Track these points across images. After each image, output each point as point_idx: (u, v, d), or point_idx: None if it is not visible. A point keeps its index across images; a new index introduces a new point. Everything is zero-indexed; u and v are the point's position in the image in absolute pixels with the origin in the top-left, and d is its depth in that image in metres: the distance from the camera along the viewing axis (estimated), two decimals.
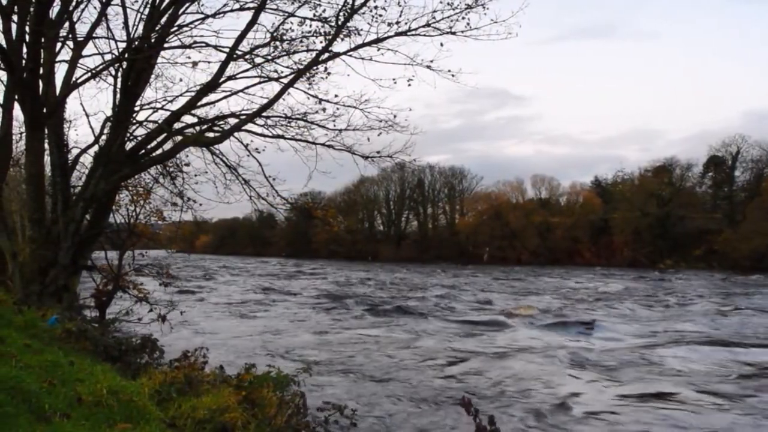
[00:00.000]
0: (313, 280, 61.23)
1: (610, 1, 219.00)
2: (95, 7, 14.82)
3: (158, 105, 16.59)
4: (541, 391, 16.11)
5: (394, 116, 15.72)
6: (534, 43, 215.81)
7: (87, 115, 15.60)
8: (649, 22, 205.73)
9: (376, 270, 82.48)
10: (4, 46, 13.23)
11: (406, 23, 14.72)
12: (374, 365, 19.34)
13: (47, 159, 15.28)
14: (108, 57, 15.70)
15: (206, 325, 27.46)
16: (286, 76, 15.62)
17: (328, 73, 15.74)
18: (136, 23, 14.86)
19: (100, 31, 15.07)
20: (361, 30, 15.03)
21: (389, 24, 14.73)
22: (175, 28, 15.39)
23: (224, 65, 15.05)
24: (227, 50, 15.07)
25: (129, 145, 15.60)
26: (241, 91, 16.22)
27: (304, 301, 39.48)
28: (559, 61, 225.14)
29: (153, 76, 16.10)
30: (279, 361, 18.03)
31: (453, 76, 15.13)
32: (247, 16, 14.94)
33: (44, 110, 14.19)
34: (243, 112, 16.01)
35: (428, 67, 14.98)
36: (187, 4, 15.05)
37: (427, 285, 53.45)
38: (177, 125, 15.80)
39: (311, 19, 15.19)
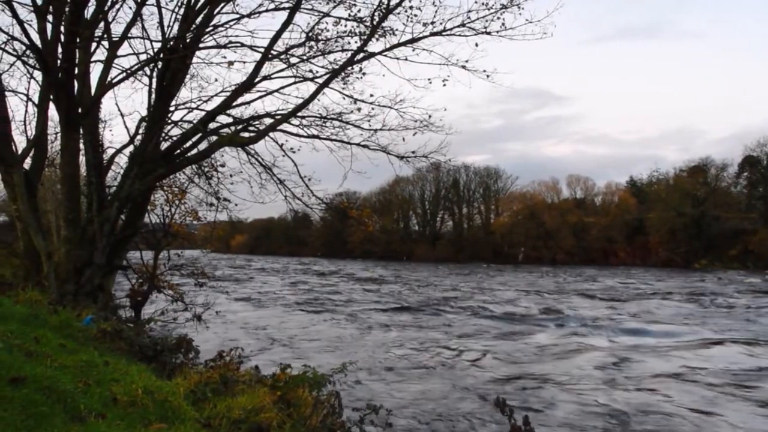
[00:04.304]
0: (347, 279, 61.24)
1: (655, 2, 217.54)
2: (130, 7, 14.91)
3: (193, 105, 16.72)
4: (578, 392, 15.90)
5: (429, 116, 15.66)
6: (578, 43, 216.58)
7: (122, 115, 15.73)
8: (694, 22, 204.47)
9: (411, 269, 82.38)
10: (40, 46, 13.34)
11: (441, 23, 14.68)
12: (408, 364, 19.24)
13: (82, 159, 15.38)
14: (143, 57, 15.78)
15: (242, 325, 27.51)
16: (321, 76, 15.66)
17: (363, 73, 15.77)
18: (171, 23, 14.92)
19: (135, 31, 15.13)
20: (396, 30, 15.02)
21: (424, 24, 14.71)
22: (211, 28, 15.45)
23: (259, 65, 15.07)
24: (262, 50, 15.09)
25: (164, 145, 15.65)
26: (276, 91, 16.28)
27: (337, 299, 39.48)
28: (602, 61, 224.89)
29: (188, 76, 16.21)
30: (313, 359, 17.99)
31: (488, 76, 15.10)
32: (282, 16, 14.97)
33: (79, 110, 14.25)
34: (278, 112, 16.03)
35: (463, 67, 14.94)
36: (223, 4, 15.09)
37: (463, 285, 53.18)
38: (212, 125, 15.85)
39: (346, 19, 15.22)
